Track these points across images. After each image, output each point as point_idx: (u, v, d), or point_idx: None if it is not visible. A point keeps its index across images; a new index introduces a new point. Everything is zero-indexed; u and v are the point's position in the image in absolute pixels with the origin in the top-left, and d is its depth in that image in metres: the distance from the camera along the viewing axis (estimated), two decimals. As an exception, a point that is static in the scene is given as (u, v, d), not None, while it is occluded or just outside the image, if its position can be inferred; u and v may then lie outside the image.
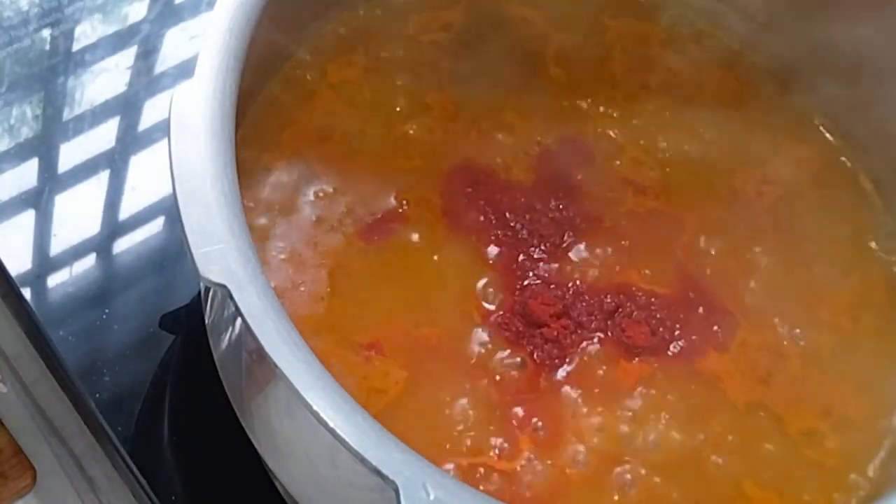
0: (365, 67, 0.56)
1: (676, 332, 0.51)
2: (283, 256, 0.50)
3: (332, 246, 0.51)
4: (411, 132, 0.55)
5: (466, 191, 0.53)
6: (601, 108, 0.57)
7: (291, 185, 0.52)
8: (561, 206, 0.54)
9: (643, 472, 0.48)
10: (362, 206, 0.52)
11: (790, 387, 0.51)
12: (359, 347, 0.48)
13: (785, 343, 0.52)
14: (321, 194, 0.52)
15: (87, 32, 0.65)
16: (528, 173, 0.55)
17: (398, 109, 0.55)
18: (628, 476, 0.48)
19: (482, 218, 0.53)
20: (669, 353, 0.51)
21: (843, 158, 0.57)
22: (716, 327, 0.52)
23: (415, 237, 0.52)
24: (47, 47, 0.64)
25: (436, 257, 0.51)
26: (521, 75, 0.57)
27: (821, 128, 0.58)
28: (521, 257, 0.52)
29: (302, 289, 0.50)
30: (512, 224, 0.53)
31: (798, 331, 0.52)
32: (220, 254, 0.39)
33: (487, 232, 0.52)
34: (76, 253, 0.59)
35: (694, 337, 0.51)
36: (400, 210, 0.52)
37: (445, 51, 0.57)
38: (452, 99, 0.56)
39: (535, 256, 0.52)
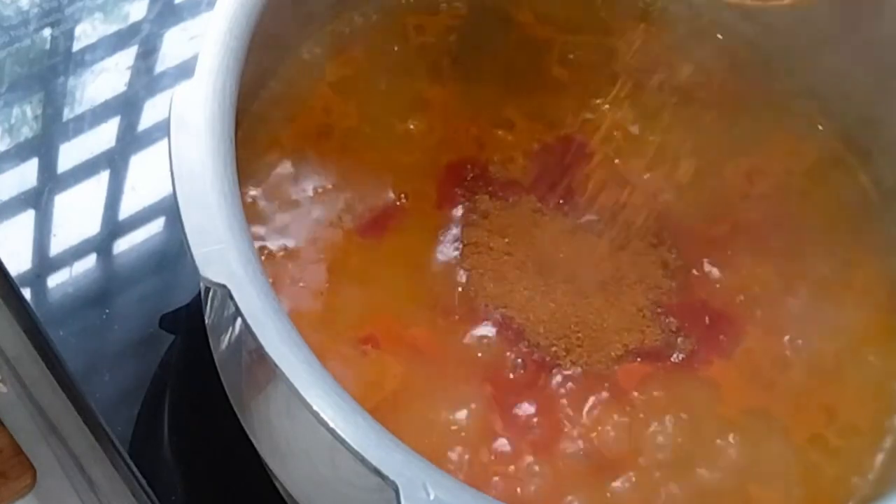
0: (365, 65, 0.56)
1: (680, 340, 0.51)
2: (282, 253, 0.50)
3: (331, 241, 0.51)
4: (411, 128, 0.55)
5: (465, 187, 0.53)
6: (602, 109, 0.57)
7: (291, 182, 0.52)
8: (561, 205, 0.54)
9: (644, 473, 0.48)
10: (361, 202, 0.52)
11: (793, 392, 0.51)
12: (356, 342, 0.48)
13: (788, 352, 0.51)
14: (320, 191, 0.52)
15: (87, 32, 0.65)
16: (527, 172, 0.54)
17: (398, 107, 0.55)
18: (629, 477, 0.48)
19: (481, 217, 0.53)
20: (673, 360, 0.51)
21: (843, 158, 0.57)
22: (721, 336, 0.51)
23: (413, 233, 0.52)
24: (47, 47, 0.64)
25: (434, 252, 0.51)
26: (523, 75, 0.57)
27: (821, 128, 0.58)
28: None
29: (301, 284, 0.50)
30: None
31: (801, 340, 0.52)
32: (220, 254, 0.39)
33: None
34: (76, 253, 0.59)
35: (698, 344, 0.51)
36: (398, 203, 0.52)
37: (447, 50, 0.57)
38: (453, 96, 0.56)
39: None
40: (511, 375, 0.49)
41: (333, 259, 0.51)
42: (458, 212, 0.53)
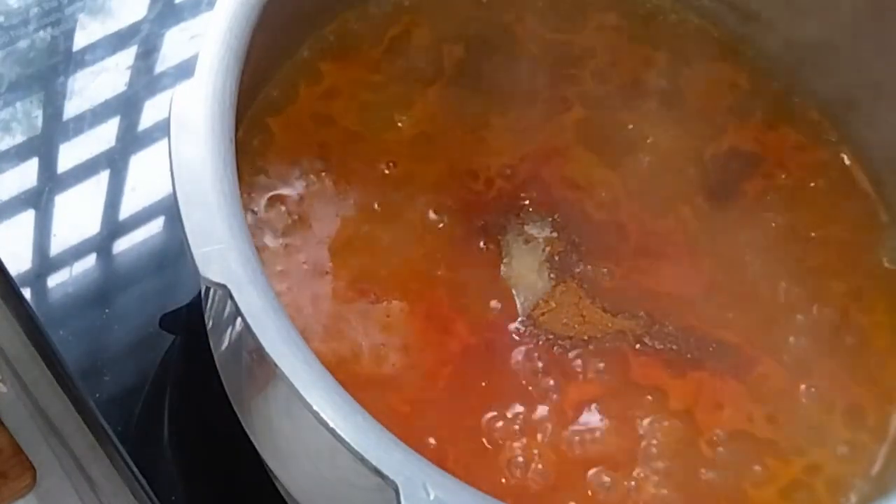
0: (364, 68, 0.56)
1: (687, 357, 0.51)
2: (278, 261, 0.50)
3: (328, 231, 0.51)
4: (408, 131, 0.54)
5: (465, 198, 0.53)
6: (599, 126, 0.56)
7: (290, 183, 0.52)
8: (558, 220, 0.54)
9: (646, 472, 0.48)
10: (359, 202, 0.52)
11: (798, 397, 0.51)
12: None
13: (795, 362, 0.51)
14: (319, 189, 0.52)
15: (86, 32, 0.65)
16: (527, 189, 0.54)
17: (396, 109, 0.55)
18: (632, 476, 0.48)
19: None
20: (683, 362, 0.51)
21: (843, 158, 0.57)
22: (729, 353, 0.51)
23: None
24: (47, 47, 0.64)
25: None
26: (520, 90, 0.57)
27: (821, 128, 0.58)
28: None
29: (305, 266, 0.50)
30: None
31: (805, 341, 0.52)
32: (220, 254, 0.39)
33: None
34: (76, 253, 0.59)
35: (705, 365, 0.51)
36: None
37: (448, 55, 0.57)
38: (452, 102, 0.56)
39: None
40: (514, 373, 0.49)
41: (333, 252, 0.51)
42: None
